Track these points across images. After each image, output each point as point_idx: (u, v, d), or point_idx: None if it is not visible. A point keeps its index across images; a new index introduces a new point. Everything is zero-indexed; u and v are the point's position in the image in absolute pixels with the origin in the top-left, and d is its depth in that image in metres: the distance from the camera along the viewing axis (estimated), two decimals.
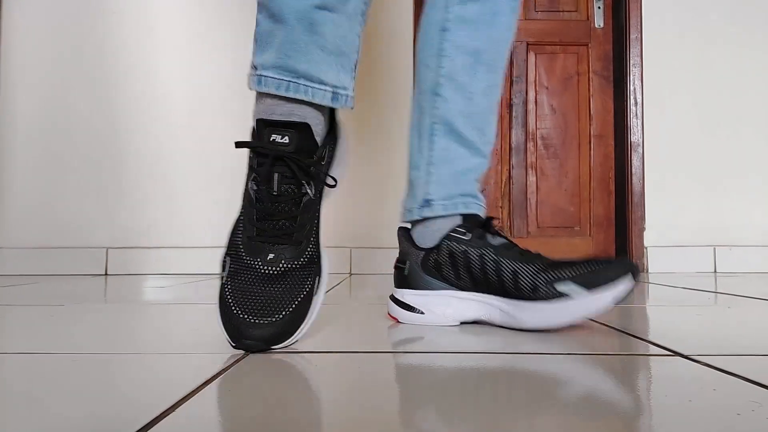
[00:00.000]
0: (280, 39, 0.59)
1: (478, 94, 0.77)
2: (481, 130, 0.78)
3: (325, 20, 0.58)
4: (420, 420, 0.36)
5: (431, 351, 0.58)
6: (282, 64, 0.59)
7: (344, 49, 0.61)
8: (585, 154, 2.17)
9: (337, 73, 0.61)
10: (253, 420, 0.35)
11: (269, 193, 0.60)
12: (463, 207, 0.76)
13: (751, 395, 0.40)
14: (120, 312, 0.89)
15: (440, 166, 0.77)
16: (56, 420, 0.35)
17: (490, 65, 0.77)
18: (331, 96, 0.61)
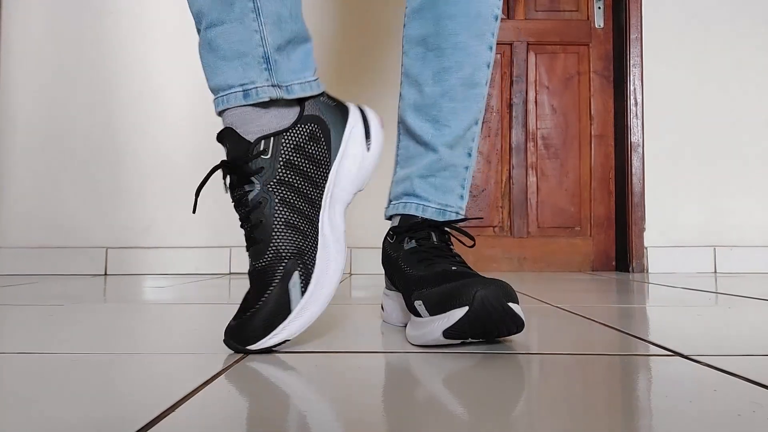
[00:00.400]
0: (204, 65, 0.64)
1: (428, 84, 0.73)
2: (434, 120, 0.73)
3: (216, 35, 0.61)
4: (420, 420, 0.36)
5: (431, 351, 0.58)
6: (212, 86, 0.63)
7: (244, 49, 0.62)
8: (585, 154, 2.17)
9: (242, 72, 0.62)
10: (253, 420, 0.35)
11: (232, 201, 0.62)
12: (402, 207, 0.75)
13: (751, 395, 0.40)
14: (119, 312, 0.89)
15: (402, 165, 0.77)
16: (56, 420, 0.35)
17: (437, 49, 0.72)
18: (242, 95, 0.62)
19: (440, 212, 0.73)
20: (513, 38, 2.17)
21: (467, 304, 0.54)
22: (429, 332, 0.57)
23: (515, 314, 0.55)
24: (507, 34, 2.16)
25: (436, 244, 0.69)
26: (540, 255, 2.13)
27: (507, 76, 2.17)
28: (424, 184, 0.74)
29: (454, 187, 0.75)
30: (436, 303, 0.58)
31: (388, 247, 0.74)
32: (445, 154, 0.74)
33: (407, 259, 0.68)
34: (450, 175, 0.75)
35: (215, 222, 1.98)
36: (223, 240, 1.98)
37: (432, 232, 0.70)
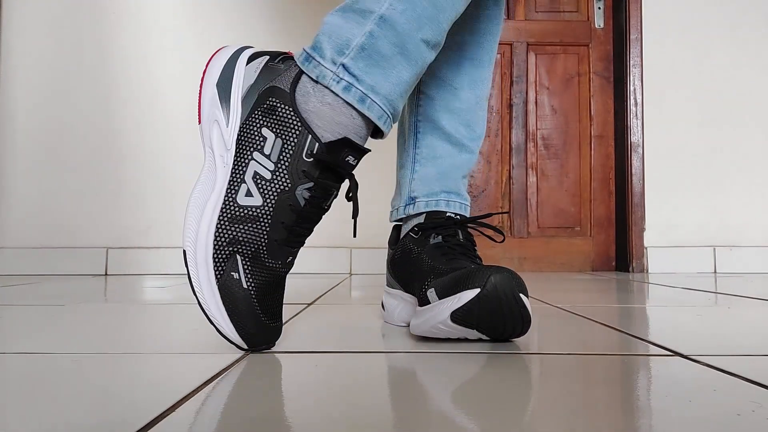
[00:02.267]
0: (405, 78, 0.59)
1: (464, 89, 0.76)
2: (468, 125, 0.77)
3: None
4: (420, 420, 0.36)
5: (430, 351, 0.58)
6: (394, 100, 0.59)
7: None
8: (585, 155, 2.17)
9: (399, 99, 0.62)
10: (253, 420, 0.35)
11: (320, 206, 0.58)
12: (444, 205, 0.75)
13: (751, 395, 0.40)
14: (120, 312, 0.89)
15: (425, 163, 0.77)
16: (56, 420, 0.35)
17: (477, 59, 0.76)
18: (391, 119, 0.61)
19: (467, 209, 0.78)
20: (513, 39, 2.17)
21: (479, 286, 0.54)
22: (435, 315, 0.57)
23: (524, 306, 0.55)
24: (507, 35, 2.16)
25: (462, 241, 0.70)
26: (540, 255, 2.13)
27: (507, 77, 2.17)
28: (463, 185, 0.78)
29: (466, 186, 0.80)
30: (447, 287, 0.58)
31: (410, 242, 0.72)
32: (476, 157, 0.79)
33: (431, 253, 0.68)
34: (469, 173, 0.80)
35: None
36: None
37: (459, 230, 0.71)
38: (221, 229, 0.54)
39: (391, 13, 0.56)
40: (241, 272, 0.54)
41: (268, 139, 0.55)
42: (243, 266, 0.54)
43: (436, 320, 0.57)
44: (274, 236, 0.55)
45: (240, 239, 0.54)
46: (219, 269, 0.54)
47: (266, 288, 0.55)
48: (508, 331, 0.57)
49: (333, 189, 0.58)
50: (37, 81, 1.99)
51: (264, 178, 0.55)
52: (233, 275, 0.54)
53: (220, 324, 0.54)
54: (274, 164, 0.55)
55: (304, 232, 0.57)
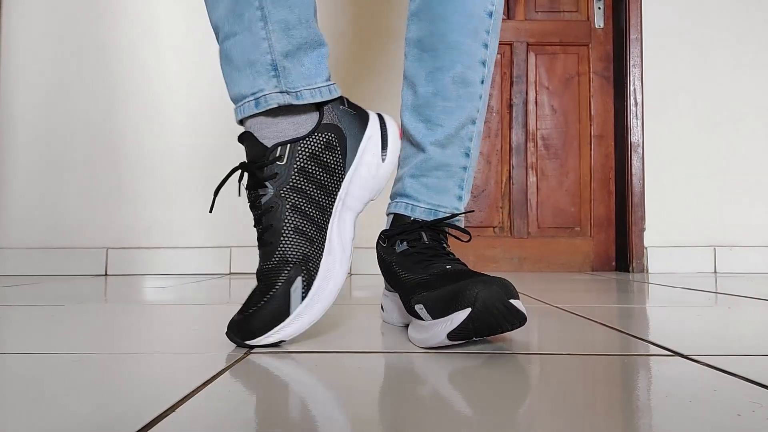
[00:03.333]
0: (224, 76, 0.66)
1: (421, 84, 0.73)
2: (428, 120, 0.73)
3: (231, 47, 0.63)
4: (420, 420, 0.36)
5: (431, 351, 0.58)
6: (230, 98, 0.65)
7: (252, 57, 0.63)
8: (585, 155, 2.17)
9: (252, 81, 0.63)
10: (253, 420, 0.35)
11: (248, 201, 0.63)
12: (393, 207, 0.76)
13: (751, 395, 0.40)
14: (120, 312, 0.89)
15: (400, 165, 0.78)
16: (56, 420, 0.35)
17: (431, 49, 0.72)
18: (254, 103, 0.63)
19: (430, 212, 0.73)
20: (513, 39, 2.17)
21: (469, 305, 0.54)
22: (433, 336, 0.57)
23: (517, 310, 0.55)
24: (507, 35, 2.16)
25: (428, 243, 0.68)
26: (540, 255, 2.13)
27: (507, 77, 2.17)
28: (415, 184, 0.74)
29: (449, 188, 0.74)
30: (437, 306, 0.57)
31: (381, 251, 0.73)
32: (434, 154, 0.73)
33: (401, 263, 0.67)
34: (444, 175, 0.73)
35: (215, 222, 1.98)
36: (223, 240, 1.98)
37: (423, 232, 0.69)
38: None
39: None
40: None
41: None
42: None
43: (435, 341, 0.57)
44: None
45: None
46: None
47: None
48: (506, 331, 0.58)
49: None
50: (37, 81, 1.99)
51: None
52: None
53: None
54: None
55: (257, 231, 0.63)
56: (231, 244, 1.97)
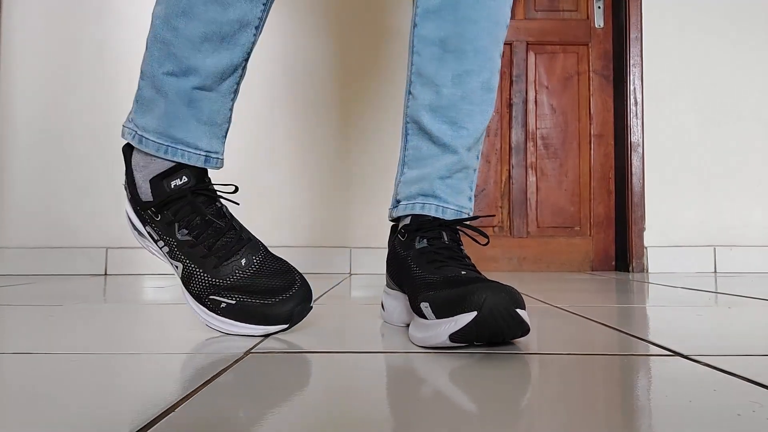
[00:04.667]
0: (162, 109, 0.68)
1: (446, 85, 0.73)
2: (453, 122, 0.73)
3: (201, 98, 0.68)
4: (421, 420, 0.36)
5: (431, 351, 0.58)
6: (163, 131, 0.68)
7: (217, 120, 0.70)
8: (585, 154, 2.17)
9: (210, 140, 0.70)
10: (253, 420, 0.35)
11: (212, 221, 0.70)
12: (419, 208, 0.73)
13: (751, 395, 0.40)
14: (119, 312, 0.89)
15: (411, 165, 0.76)
16: (56, 420, 0.35)
17: (459, 51, 0.72)
18: (204, 159, 0.70)
19: (457, 214, 0.74)
20: (512, 38, 2.17)
21: (476, 309, 0.54)
22: (435, 335, 0.57)
23: (522, 321, 0.55)
24: (507, 34, 2.16)
25: (447, 244, 0.69)
26: (540, 255, 2.13)
27: (507, 76, 2.17)
28: (443, 186, 0.74)
29: (464, 189, 0.76)
30: (443, 306, 0.58)
31: (398, 245, 0.73)
32: (464, 156, 0.74)
33: (417, 259, 0.67)
34: (463, 176, 0.75)
35: None
36: None
37: (443, 231, 0.70)
38: None
39: (143, 65, 0.68)
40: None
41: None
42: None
43: (436, 341, 0.57)
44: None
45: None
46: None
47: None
48: (507, 340, 0.58)
49: (201, 206, 0.69)
50: (37, 81, 1.99)
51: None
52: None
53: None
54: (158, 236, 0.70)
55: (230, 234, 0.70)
56: None
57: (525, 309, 0.56)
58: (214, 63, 0.67)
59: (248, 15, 0.67)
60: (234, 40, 0.67)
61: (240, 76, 0.71)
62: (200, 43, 0.66)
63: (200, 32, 0.66)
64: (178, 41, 0.66)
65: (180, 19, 0.66)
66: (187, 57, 0.66)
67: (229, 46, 0.67)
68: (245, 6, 0.67)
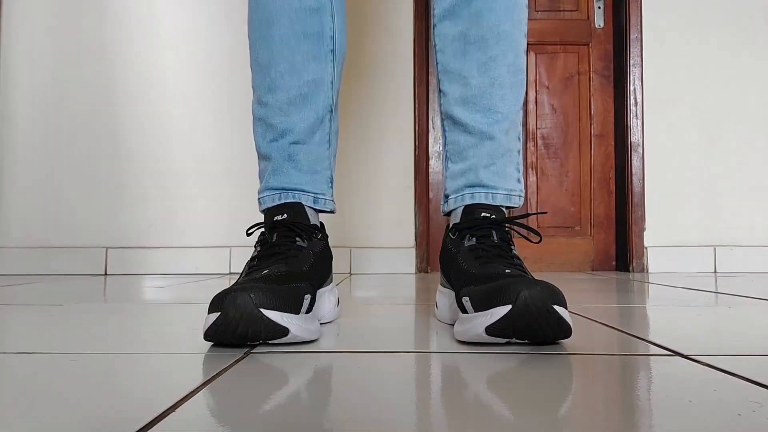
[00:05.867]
0: (269, 170, 0.78)
1: (473, 76, 0.75)
2: (486, 110, 0.75)
3: (298, 151, 0.78)
4: (422, 420, 0.36)
5: (430, 351, 0.58)
6: (271, 186, 0.78)
7: (317, 168, 0.79)
8: (585, 154, 2.17)
9: (314, 184, 0.78)
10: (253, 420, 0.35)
11: (270, 243, 0.73)
12: (468, 198, 0.75)
13: (751, 395, 0.40)
14: (120, 312, 0.89)
15: (454, 159, 0.78)
16: (56, 420, 0.35)
17: (481, 41, 0.74)
18: (312, 199, 0.78)
19: (507, 197, 0.75)
20: None
21: (510, 302, 0.53)
22: (472, 327, 0.58)
23: (560, 317, 0.54)
24: None
25: (496, 242, 0.69)
26: (540, 255, 2.13)
27: None
28: (488, 174, 0.75)
29: (511, 173, 0.77)
30: (481, 299, 0.58)
31: (449, 243, 0.74)
32: (503, 141, 0.76)
33: (465, 256, 0.68)
34: (507, 161, 0.77)
35: (215, 222, 1.98)
36: (223, 240, 1.98)
37: (493, 230, 0.70)
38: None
39: (256, 147, 0.82)
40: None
41: None
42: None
43: (473, 332, 0.58)
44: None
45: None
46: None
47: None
48: (549, 339, 0.57)
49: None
50: (37, 81, 1.99)
51: None
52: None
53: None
54: None
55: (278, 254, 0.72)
56: (231, 244, 1.97)
57: (565, 307, 0.55)
58: (302, 119, 0.77)
59: (320, 75, 0.78)
60: (314, 97, 0.77)
61: (329, 129, 0.80)
62: (288, 108, 0.77)
63: (285, 99, 0.76)
64: (271, 112, 0.77)
65: (268, 95, 0.77)
66: (280, 122, 0.77)
67: (311, 103, 0.77)
68: (316, 68, 0.77)
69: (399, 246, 1.98)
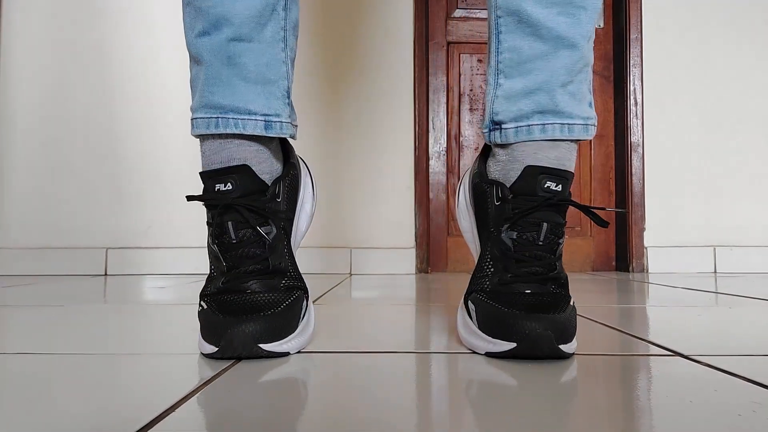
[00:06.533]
0: (203, 78, 0.58)
1: None
2: (569, 2, 0.56)
3: (242, 51, 0.57)
4: (422, 421, 0.36)
5: (430, 351, 0.58)
6: (206, 102, 0.58)
7: (270, 76, 0.59)
8: (585, 154, 2.17)
9: (266, 101, 0.58)
10: (253, 420, 0.35)
11: (229, 242, 0.57)
12: (538, 131, 0.58)
13: (751, 395, 0.40)
14: (119, 312, 0.89)
15: (511, 73, 0.59)
16: (56, 420, 0.35)
17: None
18: (263, 125, 0.58)
19: (585, 129, 0.59)
20: None
21: (516, 341, 0.50)
22: (475, 345, 0.55)
23: (564, 355, 0.51)
24: None
25: (541, 243, 0.58)
26: None
27: None
28: (565, 95, 0.58)
29: (586, 93, 0.60)
30: (486, 321, 0.54)
31: (489, 206, 0.60)
32: (585, 50, 0.58)
33: (494, 252, 0.58)
34: (584, 78, 0.60)
35: None
36: None
37: (544, 222, 0.58)
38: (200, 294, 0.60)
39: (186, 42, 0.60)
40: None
41: None
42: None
43: (477, 350, 0.55)
44: (216, 285, 0.58)
45: (201, 296, 0.60)
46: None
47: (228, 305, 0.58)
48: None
49: (224, 222, 0.58)
50: (37, 81, 1.99)
51: None
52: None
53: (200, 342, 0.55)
54: None
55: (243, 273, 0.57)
56: None
57: (572, 339, 0.52)
58: (244, 4, 0.56)
59: None
60: None
61: (284, 20, 0.59)
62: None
63: None
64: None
65: None
66: (213, 4, 0.55)
67: None
68: None
69: (399, 246, 1.98)
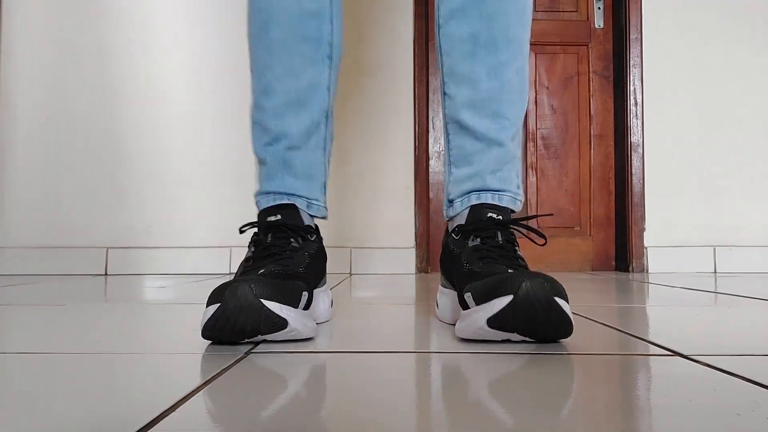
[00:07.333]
0: (264, 174, 0.78)
1: (482, 80, 0.73)
2: (495, 115, 0.74)
3: (294, 157, 0.77)
4: (422, 421, 0.36)
5: (430, 351, 0.58)
6: (265, 190, 0.77)
7: (312, 173, 0.78)
8: (585, 154, 2.17)
9: (309, 190, 0.78)
10: (253, 420, 0.35)
11: (263, 241, 0.73)
12: (475, 198, 0.74)
13: (751, 395, 0.40)
14: (120, 312, 0.89)
15: (458, 164, 0.77)
16: (56, 420, 0.35)
17: (491, 44, 0.73)
18: (306, 204, 0.77)
19: (513, 201, 0.75)
20: None
21: (511, 293, 0.53)
22: (473, 321, 0.58)
23: (561, 310, 0.54)
24: None
25: (500, 243, 0.68)
26: (540, 255, 2.13)
27: None
28: (495, 179, 0.75)
29: (513, 179, 0.77)
30: (482, 293, 0.58)
31: (451, 243, 0.74)
32: (510, 147, 0.75)
33: (469, 257, 0.68)
34: (511, 167, 0.76)
35: (215, 222, 1.98)
36: (223, 240, 1.98)
37: (498, 231, 0.70)
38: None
39: (254, 150, 0.80)
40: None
41: None
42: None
43: (475, 326, 0.58)
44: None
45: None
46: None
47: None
48: (549, 335, 0.57)
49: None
50: (38, 81, 1.99)
51: None
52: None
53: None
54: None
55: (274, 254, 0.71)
56: (231, 244, 1.97)
57: (567, 300, 0.55)
58: (298, 123, 0.76)
59: (317, 78, 0.76)
60: (310, 101, 0.76)
61: (325, 133, 0.79)
62: (283, 111, 0.75)
63: (281, 102, 0.75)
64: (267, 116, 0.76)
65: (264, 98, 0.76)
66: (275, 125, 0.76)
67: (307, 107, 0.76)
68: (313, 72, 0.76)
69: (399, 246, 1.98)
